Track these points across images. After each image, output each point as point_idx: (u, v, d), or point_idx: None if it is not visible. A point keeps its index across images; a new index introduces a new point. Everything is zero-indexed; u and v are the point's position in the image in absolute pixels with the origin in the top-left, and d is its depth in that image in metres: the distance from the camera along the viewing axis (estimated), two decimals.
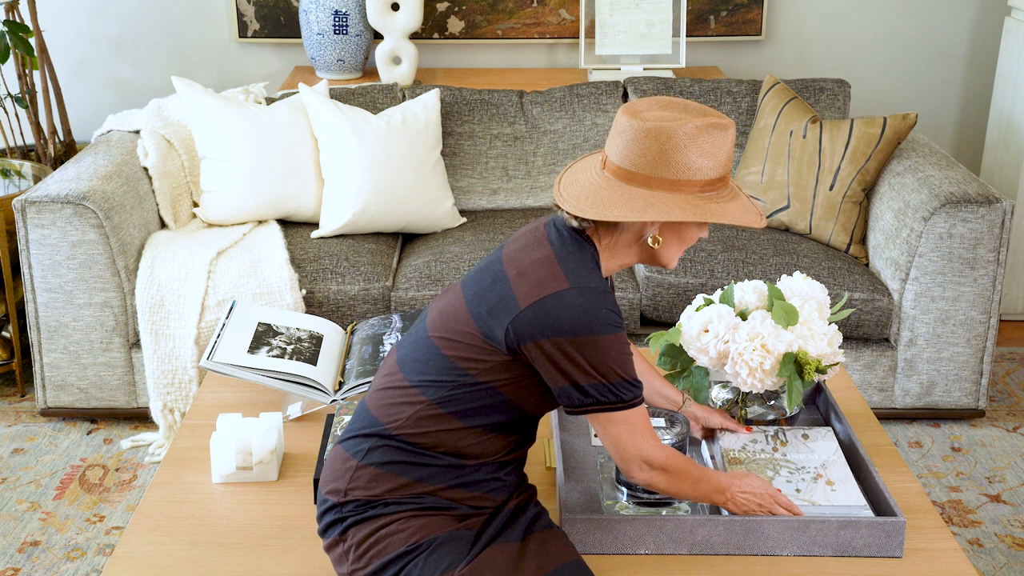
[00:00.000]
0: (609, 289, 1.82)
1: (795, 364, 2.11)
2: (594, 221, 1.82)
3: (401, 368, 1.90)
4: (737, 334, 2.11)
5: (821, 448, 2.16)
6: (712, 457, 2.18)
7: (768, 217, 3.57)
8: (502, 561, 1.80)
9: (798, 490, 2.03)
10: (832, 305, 2.91)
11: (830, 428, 2.25)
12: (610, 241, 1.84)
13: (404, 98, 3.82)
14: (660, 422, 2.10)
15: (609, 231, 1.84)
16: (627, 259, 1.87)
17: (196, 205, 3.62)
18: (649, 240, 1.82)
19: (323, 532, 1.90)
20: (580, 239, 1.83)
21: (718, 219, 1.76)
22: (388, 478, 1.84)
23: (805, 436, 2.19)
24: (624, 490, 2.05)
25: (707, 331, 2.14)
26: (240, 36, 4.48)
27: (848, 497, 2.02)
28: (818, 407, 2.43)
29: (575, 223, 1.83)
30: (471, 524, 1.85)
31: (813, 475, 2.08)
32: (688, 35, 4.46)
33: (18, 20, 3.99)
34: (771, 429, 2.21)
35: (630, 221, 1.80)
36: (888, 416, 3.43)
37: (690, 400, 2.25)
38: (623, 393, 1.79)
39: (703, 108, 1.80)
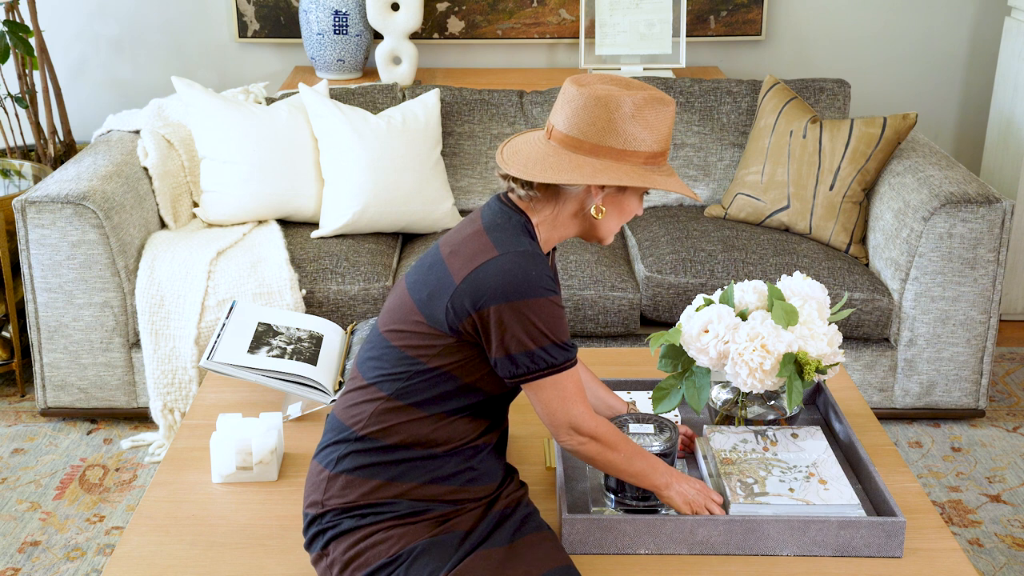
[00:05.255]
0: (541, 252, 1.83)
1: (795, 364, 2.11)
2: (539, 191, 1.85)
3: (359, 368, 1.93)
4: (737, 334, 2.11)
5: (811, 447, 2.16)
6: (704, 457, 2.17)
7: (768, 217, 3.57)
8: (486, 567, 1.80)
9: (791, 489, 2.03)
10: (832, 305, 2.91)
11: (818, 427, 2.25)
12: (552, 212, 1.88)
13: (404, 98, 3.82)
14: (648, 428, 2.09)
15: (552, 201, 1.87)
16: (567, 231, 1.91)
17: (196, 205, 3.62)
18: (592, 210, 1.86)
19: (308, 546, 1.91)
20: (510, 209, 1.86)
21: (663, 187, 1.82)
22: (360, 483, 1.85)
23: (795, 435, 2.19)
24: (612, 496, 2.04)
25: (707, 331, 2.14)
26: (240, 36, 4.48)
27: (842, 496, 2.02)
28: (818, 407, 2.43)
29: (521, 191, 1.85)
30: (453, 526, 1.85)
31: (805, 474, 2.08)
32: (688, 35, 4.46)
33: (18, 20, 3.99)
34: (762, 429, 2.21)
35: (579, 186, 1.84)
36: (888, 416, 3.43)
37: (636, 411, 2.25)
38: (554, 357, 1.80)
39: (645, 84, 1.87)
